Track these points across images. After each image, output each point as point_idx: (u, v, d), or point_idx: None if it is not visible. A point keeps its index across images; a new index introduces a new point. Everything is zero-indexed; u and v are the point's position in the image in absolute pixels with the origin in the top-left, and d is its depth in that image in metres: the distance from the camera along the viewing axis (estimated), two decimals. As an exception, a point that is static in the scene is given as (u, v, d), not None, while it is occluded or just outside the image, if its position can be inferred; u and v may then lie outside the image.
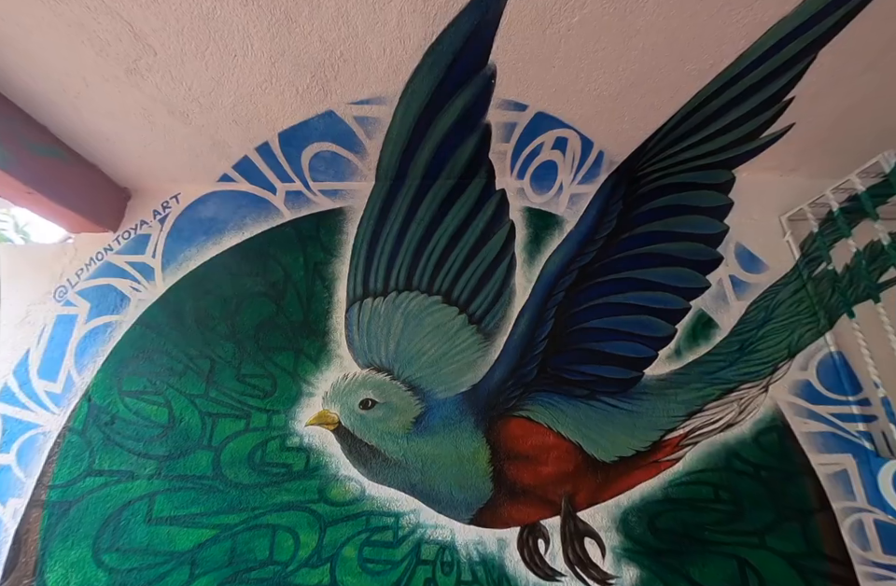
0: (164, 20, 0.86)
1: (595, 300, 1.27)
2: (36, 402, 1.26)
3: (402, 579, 1.01)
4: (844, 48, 0.96)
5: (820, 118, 1.17)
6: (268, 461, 1.13)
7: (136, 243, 1.43)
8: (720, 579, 0.99)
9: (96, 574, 1.08)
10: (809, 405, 1.15)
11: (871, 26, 0.91)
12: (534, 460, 1.07)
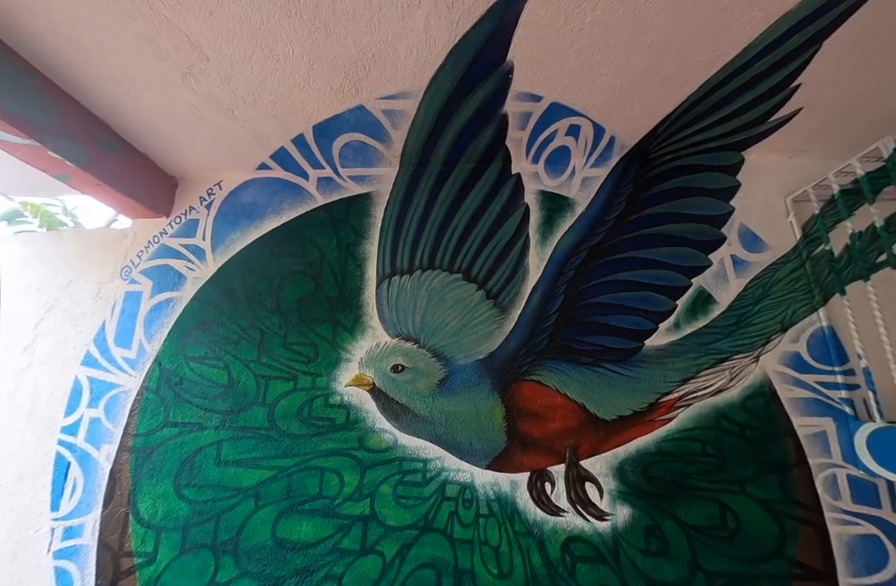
0: (218, 31, 0.97)
1: (602, 278, 1.38)
2: (116, 366, 1.47)
3: (430, 511, 1.21)
4: (850, 36, 1.00)
5: (828, 102, 1.21)
6: (314, 415, 1.33)
7: (187, 227, 1.60)
8: (701, 518, 1.16)
9: (179, 504, 1.32)
10: (797, 374, 1.27)
11: (877, 15, 0.95)
12: (543, 417, 1.23)
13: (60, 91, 1.17)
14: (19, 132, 1.08)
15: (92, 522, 1.34)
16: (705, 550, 1.14)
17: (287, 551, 1.23)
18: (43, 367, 1.53)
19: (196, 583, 1.24)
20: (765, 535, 1.15)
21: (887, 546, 1.13)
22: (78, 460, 1.40)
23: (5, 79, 1.02)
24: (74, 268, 1.63)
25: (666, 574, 1.13)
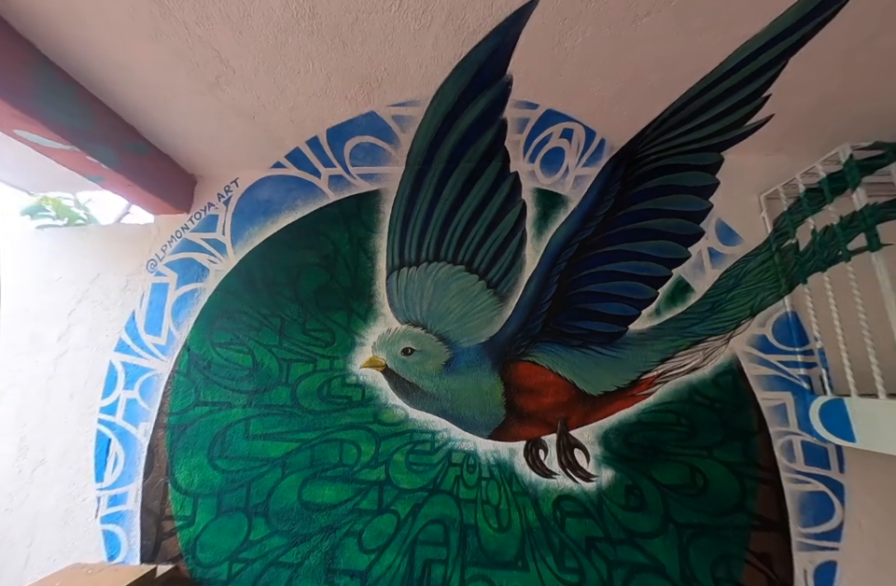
0: (245, 47, 1.07)
1: (591, 269, 1.52)
2: (147, 352, 1.61)
3: (438, 476, 1.37)
4: (815, 52, 1.12)
5: (797, 109, 1.33)
6: (333, 394, 1.48)
7: (207, 222, 1.71)
8: (674, 479, 1.33)
9: (212, 474, 1.47)
10: (762, 354, 1.43)
11: (840, 31, 1.07)
12: (537, 393, 1.39)
13: (95, 100, 1.26)
14: (61, 139, 1.18)
15: (135, 490, 1.49)
16: (676, 505, 1.32)
17: (313, 511, 1.40)
18: (78, 353, 1.66)
19: (232, 541, 1.41)
20: (729, 492, 1.32)
21: (833, 501, 1.31)
22: (118, 436, 1.55)
23: (51, 94, 1.12)
24: (101, 261, 1.75)
25: (643, 525, 1.31)
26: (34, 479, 1.57)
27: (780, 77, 1.20)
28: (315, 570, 1.35)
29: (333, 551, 1.36)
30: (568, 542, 1.31)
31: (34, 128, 1.13)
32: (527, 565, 1.30)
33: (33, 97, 1.08)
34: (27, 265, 1.80)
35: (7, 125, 1.11)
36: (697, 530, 1.30)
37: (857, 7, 0.97)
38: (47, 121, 1.12)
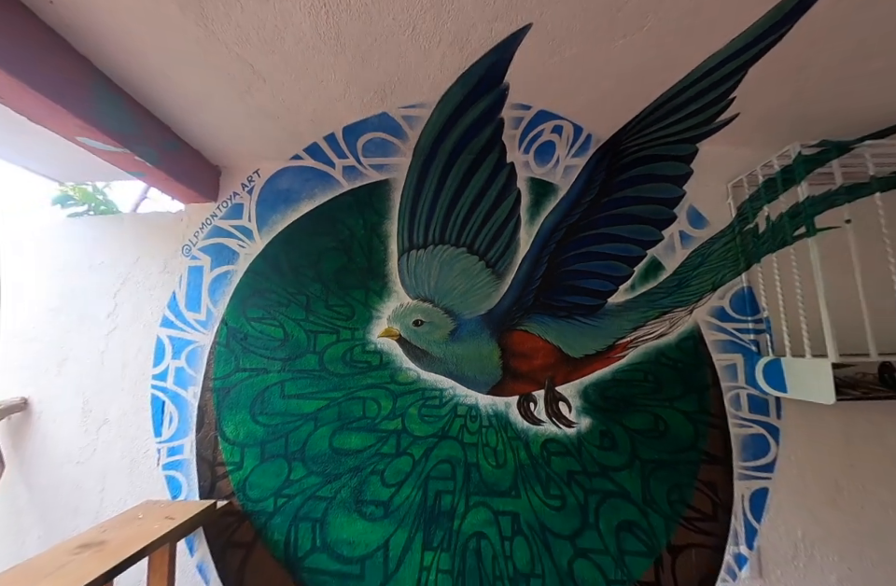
0: (276, 63, 1.23)
1: (577, 250, 1.74)
2: (190, 326, 1.84)
3: (446, 425, 1.65)
4: (772, 63, 1.29)
5: (760, 108, 1.51)
6: (355, 360, 1.73)
7: (233, 210, 1.89)
8: (640, 425, 1.62)
9: (255, 427, 1.74)
10: (719, 323, 1.68)
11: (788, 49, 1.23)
12: (528, 356, 1.64)
13: (139, 106, 1.42)
14: (115, 143, 1.35)
15: (189, 442, 1.77)
16: (641, 445, 1.61)
17: (342, 456, 1.68)
18: (127, 329, 1.89)
19: (275, 481, 1.70)
20: (685, 435, 1.61)
21: (769, 441, 1.61)
22: (171, 399, 1.80)
23: (105, 104, 1.28)
24: (139, 247, 1.94)
25: (614, 461, 1.60)
26: (99, 436, 1.83)
27: (743, 83, 1.37)
28: (346, 502, 1.65)
29: (360, 487, 1.66)
30: (553, 475, 1.61)
31: (93, 135, 1.30)
32: (519, 494, 1.60)
33: (91, 108, 1.25)
34: (69, 251, 1.99)
35: (71, 133, 1.28)
36: (657, 464, 1.60)
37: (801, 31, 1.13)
38: (103, 128, 1.29)
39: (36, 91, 1.10)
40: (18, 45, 1.05)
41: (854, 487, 1.59)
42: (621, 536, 1.57)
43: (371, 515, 1.63)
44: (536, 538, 1.58)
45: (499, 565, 1.58)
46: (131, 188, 2.77)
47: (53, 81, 1.13)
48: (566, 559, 1.57)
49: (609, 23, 1.11)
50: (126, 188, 2.81)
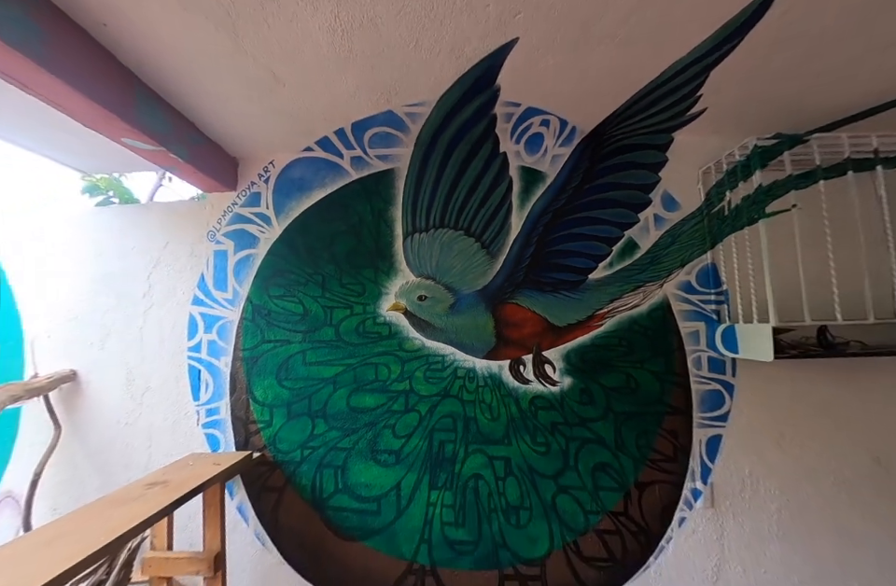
0: (296, 70, 1.40)
1: (562, 232, 1.95)
2: (218, 304, 2.06)
3: (448, 385, 1.91)
4: (731, 66, 1.46)
5: (725, 103, 1.68)
6: (367, 331, 1.97)
7: (252, 198, 2.08)
8: (615, 383, 1.88)
9: (281, 391, 2.00)
10: (686, 295, 1.92)
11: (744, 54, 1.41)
12: (519, 326, 1.89)
13: (170, 108, 1.59)
14: (154, 143, 1.53)
15: (225, 405, 2.03)
16: (615, 400, 1.88)
17: (358, 413, 1.95)
18: (162, 307, 2.11)
19: (301, 436, 1.97)
20: (653, 391, 1.88)
21: (724, 395, 1.88)
22: (206, 368, 2.05)
23: (145, 107, 1.46)
24: (167, 233, 2.14)
25: (591, 414, 1.88)
26: (143, 401, 2.09)
27: (710, 82, 1.54)
28: (362, 451, 1.93)
29: (375, 438, 1.93)
30: (539, 426, 1.89)
31: (135, 136, 1.48)
32: (511, 442, 1.89)
33: (134, 113, 1.42)
34: (102, 238, 2.18)
35: (117, 135, 1.46)
36: (628, 416, 1.88)
37: (751, 42, 1.31)
38: (144, 130, 1.47)
39: (91, 100, 1.27)
40: (76, 61, 1.22)
41: (794, 433, 1.88)
42: (596, 475, 1.87)
43: (385, 462, 1.92)
44: (524, 478, 1.87)
45: (494, 500, 1.88)
46: (146, 177, 2.93)
47: (104, 90, 1.31)
48: (549, 494, 1.86)
49: (586, 36, 1.28)
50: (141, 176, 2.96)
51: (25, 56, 1.08)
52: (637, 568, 1.84)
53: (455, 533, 1.87)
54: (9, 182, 2.95)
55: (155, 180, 2.88)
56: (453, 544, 1.87)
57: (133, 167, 2.28)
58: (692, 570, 1.84)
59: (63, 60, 1.17)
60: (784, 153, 1.63)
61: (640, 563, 1.84)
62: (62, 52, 1.17)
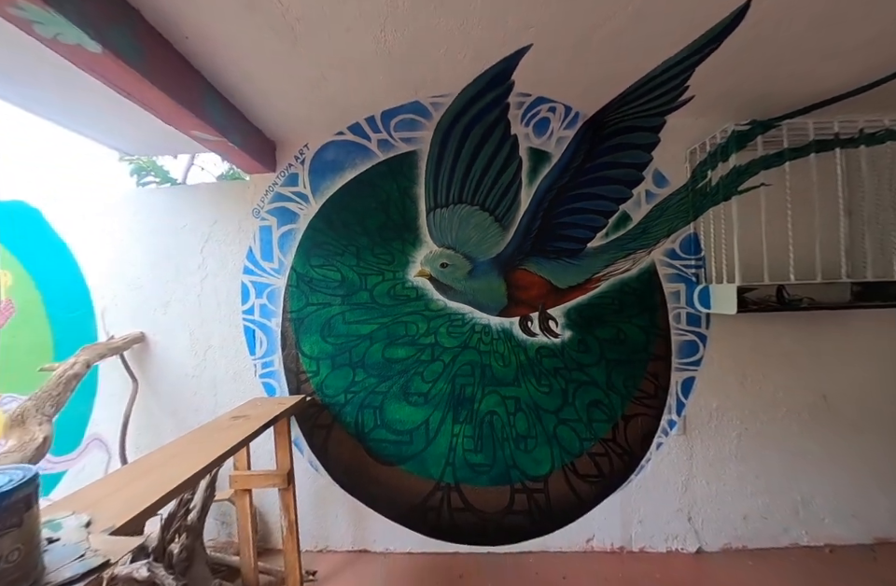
0: (341, 69, 1.64)
1: (565, 206, 2.24)
2: (266, 273, 2.38)
3: (467, 338, 2.28)
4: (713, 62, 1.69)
5: (711, 91, 1.91)
6: (397, 294, 2.30)
7: (290, 179, 2.34)
8: (607, 335, 2.24)
9: (325, 346, 2.36)
10: (670, 260, 2.24)
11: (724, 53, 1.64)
12: (527, 288, 2.23)
13: (227, 102, 1.83)
14: (217, 134, 1.79)
15: (278, 358, 2.40)
16: (607, 349, 2.25)
17: (392, 363, 2.32)
18: (216, 277, 2.43)
19: (344, 382, 2.35)
20: (639, 342, 2.25)
21: (699, 344, 2.25)
22: (259, 327, 2.40)
23: (209, 103, 1.70)
24: (215, 211, 2.41)
25: (587, 360, 2.26)
26: (206, 357, 2.46)
27: (694, 76, 1.78)
28: (396, 394, 2.33)
29: (406, 383, 2.32)
30: (543, 371, 2.27)
31: (203, 128, 1.73)
32: (520, 384, 2.28)
33: (202, 107, 1.67)
34: (156, 216, 2.46)
35: (188, 128, 1.72)
36: (618, 362, 2.26)
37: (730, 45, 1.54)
38: (209, 123, 1.72)
39: (175, 101, 1.52)
40: (165, 70, 1.46)
41: (754, 375, 2.27)
42: (590, 410, 2.27)
43: (415, 402, 2.32)
44: (531, 413, 2.28)
45: (506, 431, 2.29)
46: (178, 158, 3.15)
47: (183, 92, 1.55)
48: (552, 426, 2.28)
49: (588, 42, 1.52)
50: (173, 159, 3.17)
51: (133, 69, 1.32)
52: (621, 482, 2.29)
53: (474, 457, 2.30)
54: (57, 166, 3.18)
55: (187, 161, 3.10)
56: (472, 466, 2.30)
57: (172, 150, 2.51)
58: (665, 484, 2.29)
59: (157, 70, 1.42)
60: (758, 137, 1.89)
61: (624, 478, 2.29)
62: (156, 64, 1.41)
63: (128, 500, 1.18)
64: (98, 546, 0.96)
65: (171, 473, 1.35)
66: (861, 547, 2.24)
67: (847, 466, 2.27)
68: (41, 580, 0.85)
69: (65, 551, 0.94)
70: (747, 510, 2.27)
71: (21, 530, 0.82)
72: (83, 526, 1.06)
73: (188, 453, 1.54)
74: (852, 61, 1.65)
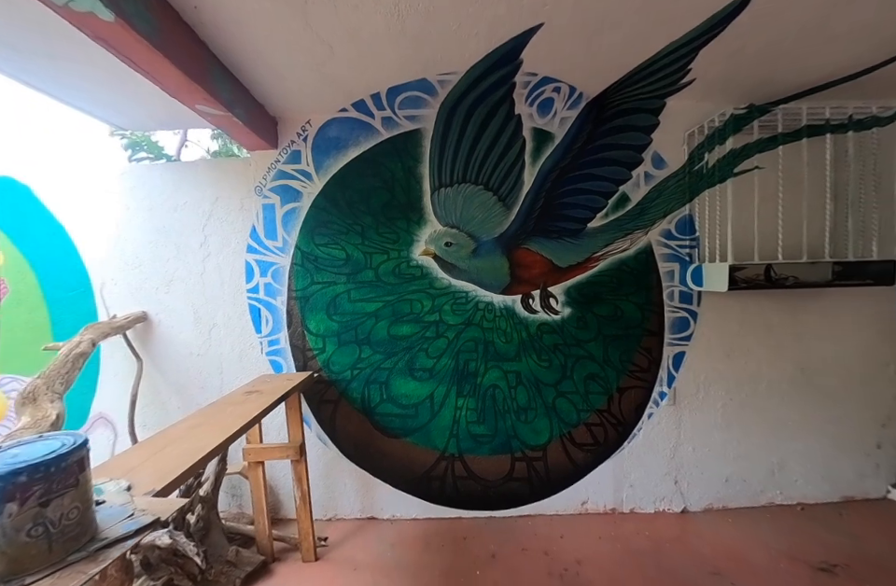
0: (353, 47, 1.63)
1: (567, 187, 2.29)
2: (271, 252, 2.38)
3: (471, 316, 2.35)
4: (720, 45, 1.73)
5: (710, 76, 1.96)
6: (402, 272, 2.34)
7: (293, 156, 2.33)
8: (605, 312, 2.34)
9: (331, 324, 2.40)
10: (666, 241, 2.33)
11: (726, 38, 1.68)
12: (529, 267, 2.29)
13: (232, 77, 1.80)
14: (222, 108, 1.76)
15: (284, 336, 2.43)
16: (604, 325, 2.35)
17: (397, 340, 2.39)
18: (219, 255, 2.42)
19: (350, 359, 2.41)
20: (635, 318, 2.36)
21: (690, 321, 2.37)
22: (264, 306, 2.42)
23: (215, 77, 1.67)
24: (217, 188, 2.39)
25: (585, 336, 2.36)
26: (211, 336, 2.48)
27: (697, 59, 1.82)
28: (402, 370, 2.40)
29: (412, 360, 2.39)
30: (543, 347, 2.37)
31: (209, 103, 1.71)
32: (521, 359, 2.38)
33: (209, 81, 1.64)
34: (155, 193, 2.42)
35: (194, 102, 1.69)
36: (614, 337, 2.37)
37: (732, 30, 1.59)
38: (216, 97, 1.69)
39: (184, 74, 1.50)
40: (175, 41, 1.43)
41: (741, 349, 2.41)
42: (587, 382, 2.39)
43: (420, 377, 2.40)
44: (531, 386, 2.39)
45: (507, 404, 2.40)
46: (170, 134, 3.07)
47: (192, 64, 1.53)
48: (551, 398, 2.40)
49: (599, 24, 1.54)
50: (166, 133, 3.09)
51: (145, 40, 1.30)
52: (614, 450, 2.44)
53: (477, 428, 2.41)
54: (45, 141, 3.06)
55: (180, 137, 3.02)
56: (475, 437, 2.41)
57: (168, 125, 2.45)
58: (655, 450, 2.45)
59: (168, 41, 1.39)
60: (755, 121, 1.96)
61: (617, 446, 2.43)
62: (166, 34, 1.38)
63: (160, 467, 1.24)
64: (144, 507, 1.02)
65: (196, 442, 1.41)
66: (828, 505, 2.46)
67: (819, 432, 2.46)
68: (98, 536, 0.91)
69: (113, 511, 1.00)
70: (728, 474, 2.45)
71: (77, 490, 0.87)
72: (124, 490, 1.11)
73: (208, 425, 1.59)
74: (845, 47, 1.71)
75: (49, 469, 0.82)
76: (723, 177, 2.08)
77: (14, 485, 0.78)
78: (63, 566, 0.84)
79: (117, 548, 0.90)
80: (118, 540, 0.91)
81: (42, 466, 0.81)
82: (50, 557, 0.83)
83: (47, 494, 0.82)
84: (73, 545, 0.87)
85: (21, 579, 0.80)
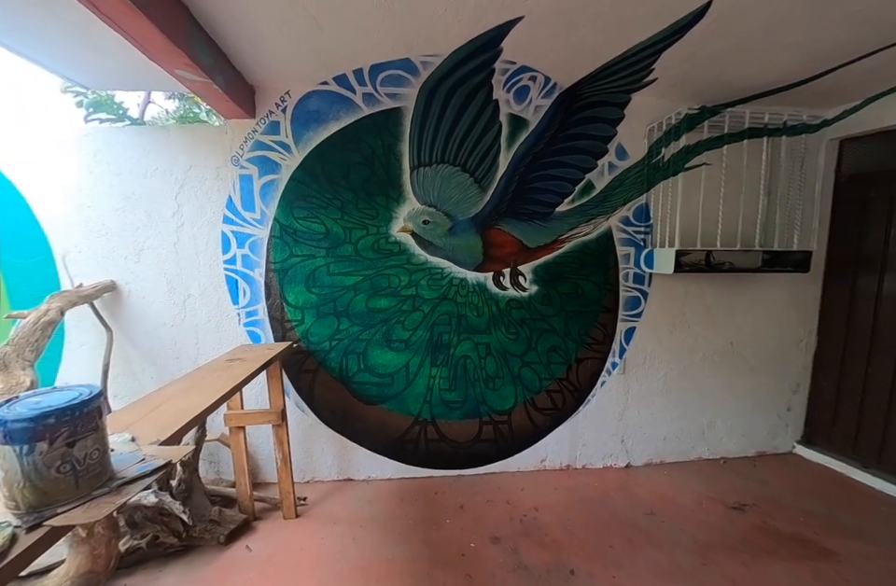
0: (337, 19, 1.66)
1: (538, 172, 2.44)
2: (248, 223, 2.39)
3: (446, 291, 2.49)
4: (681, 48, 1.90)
5: (669, 76, 2.15)
6: (381, 248, 2.43)
7: (271, 127, 2.31)
8: (567, 290, 2.56)
9: (310, 296, 2.47)
10: (624, 226, 2.56)
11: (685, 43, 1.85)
12: (500, 246, 2.46)
13: (213, 43, 1.77)
14: (203, 75, 1.74)
15: (262, 307, 2.47)
16: (566, 302, 2.58)
17: (375, 312, 2.50)
18: (193, 225, 2.40)
19: (329, 330, 2.50)
20: (593, 296, 2.60)
21: (641, 299, 2.64)
22: (242, 277, 2.44)
23: (196, 42, 1.65)
24: (190, 156, 2.34)
25: (549, 312, 2.58)
26: (186, 306, 2.47)
27: (659, 60, 1.99)
28: (379, 341, 2.53)
29: (389, 331, 2.52)
30: (511, 321, 2.57)
31: (188, 67, 1.68)
32: (491, 332, 2.57)
33: (190, 46, 1.62)
34: (123, 158, 2.33)
35: (173, 66, 1.66)
36: (575, 313, 2.60)
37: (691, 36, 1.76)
38: (197, 62, 1.67)
39: (166, 36, 1.48)
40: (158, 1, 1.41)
41: (683, 325, 2.72)
42: (549, 354, 2.63)
43: (397, 348, 2.54)
44: (499, 357, 2.60)
45: (477, 373, 2.60)
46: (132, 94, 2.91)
47: (174, 28, 1.51)
48: (517, 367, 2.62)
49: (574, 20, 1.66)
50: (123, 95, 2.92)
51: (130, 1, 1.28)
52: (571, 413, 2.72)
53: (449, 395, 2.60)
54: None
55: (143, 98, 2.88)
56: (447, 403, 2.61)
57: (138, 86, 2.35)
58: (605, 413, 2.75)
59: (151, 3, 1.38)
60: (705, 121, 2.18)
61: (573, 410, 2.71)
62: (153, -5, 1.37)
63: (159, 422, 1.32)
64: (153, 453, 1.11)
65: (191, 401, 1.49)
66: (745, 458, 2.89)
67: (741, 397, 2.85)
68: (115, 477, 1.00)
69: (124, 457, 1.09)
70: (666, 433, 2.80)
71: (97, 433, 0.96)
72: (129, 441, 1.20)
73: (199, 387, 1.66)
74: (789, 58, 1.94)
75: (74, 413, 0.90)
76: (676, 171, 2.31)
77: (44, 426, 0.86)
78: (88, 500, 0.93)
79: (137, 484, 1.00)
80: (136, 479, 1.01)
81: (69, 409, 0.89)
82: (78, 491, 0.92)
83: (72, 435, 0.90)
84: (96, 481, 0.96)
85: (54, 509, 0.89)
